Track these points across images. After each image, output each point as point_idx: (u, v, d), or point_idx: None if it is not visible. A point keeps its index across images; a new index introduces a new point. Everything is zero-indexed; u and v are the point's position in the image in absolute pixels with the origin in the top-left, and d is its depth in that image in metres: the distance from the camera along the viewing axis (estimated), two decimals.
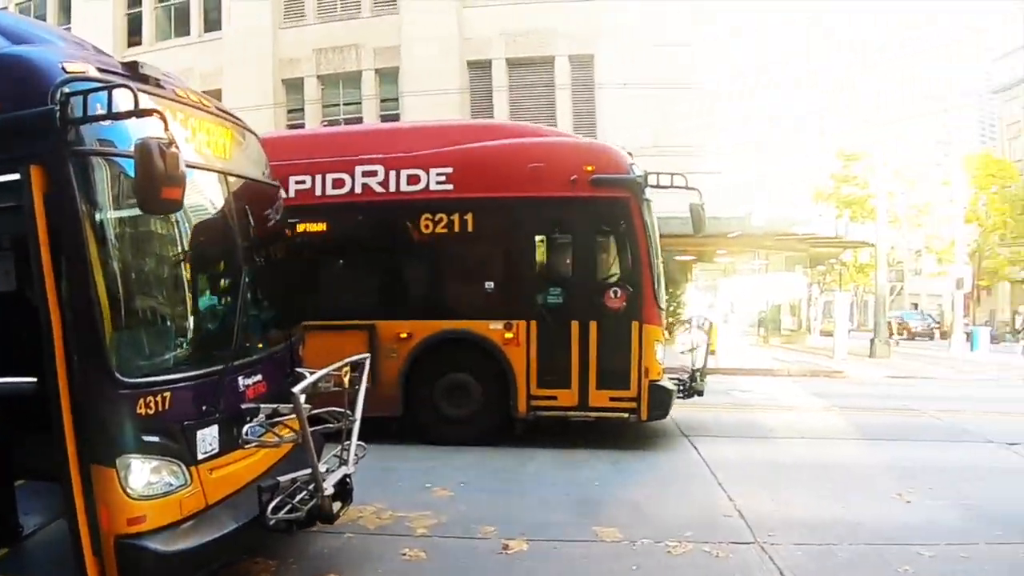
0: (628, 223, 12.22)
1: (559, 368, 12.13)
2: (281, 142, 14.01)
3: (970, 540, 8.06)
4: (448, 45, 28.39)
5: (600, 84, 27.73)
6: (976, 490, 10.23)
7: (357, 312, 12.50)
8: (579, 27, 28.23)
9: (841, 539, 7.99)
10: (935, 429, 14.70)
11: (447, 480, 9.68)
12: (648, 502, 9.19)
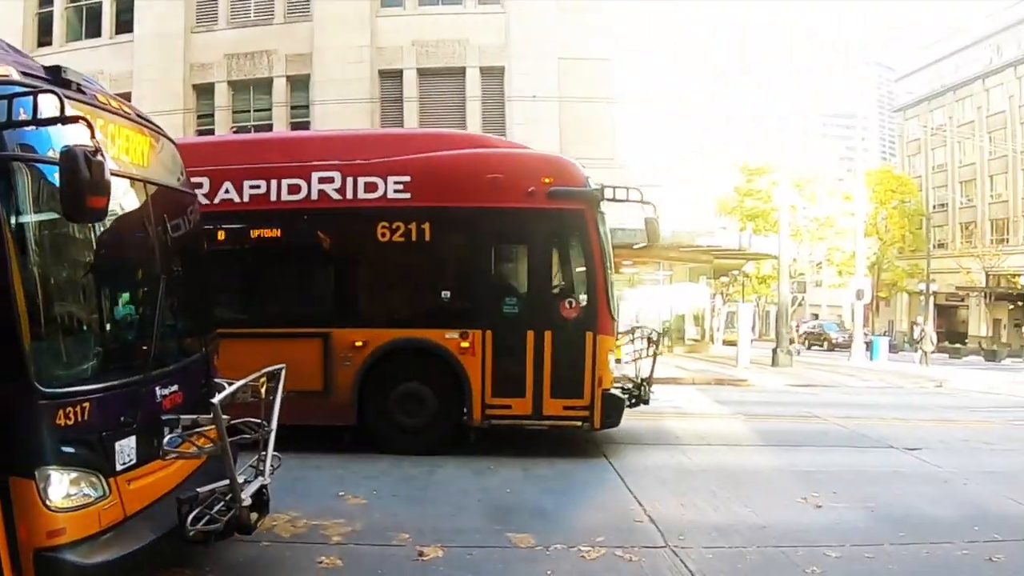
0: (584, 235, 12.40)
1: (514, 377, 12.21)
2: (236, 145, 14.16)
3: (875, 541, 8.41)
4: (360, 54, 28.34)
5: (510, 96, 27.90)
6: (879, 493, 10.65)
7: (312, 320, 12.47)
8: (490, 39, 28.47)
9: (750, 542, 8.24)
10: (837, 435, 15.16)
11: (359, 488, 9.69)
12: (560, 508, 9.32)
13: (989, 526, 9.11)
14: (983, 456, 13.96)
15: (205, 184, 12.07)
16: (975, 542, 8.50)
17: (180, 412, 6.10)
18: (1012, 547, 8.39)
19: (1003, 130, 74.22)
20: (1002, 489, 11.24)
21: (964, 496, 10.91)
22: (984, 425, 17.60)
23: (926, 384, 30.55)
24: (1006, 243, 71.53)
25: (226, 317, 12.39)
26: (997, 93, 76.40)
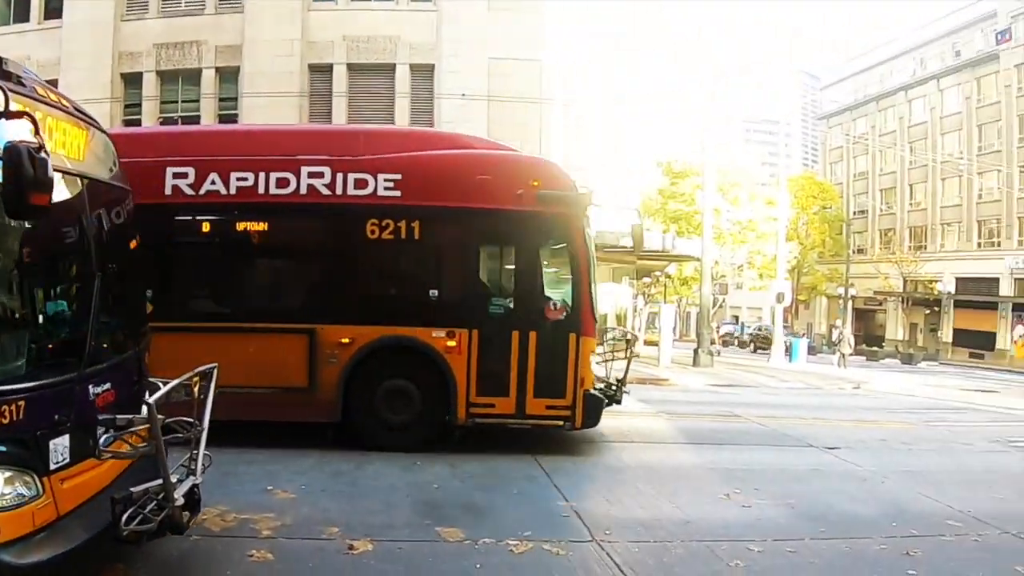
0: (570, 238, 12.67)
1: (498, 376, 12.38)
2: (220, 136, 14.10)
3: (796, 536, 8.77)
4: (291, 47, 28.05)
5: (440, 94, 27.85)
6: (800, 491, 11.03)
7: (297, 315, 12.46)
8: (421, 36, 28.34)
9: (674, 536, 8.50)
10: (758, 434, 15.56)
11: (289, 483, 9.72)
12: (488, 504, 9.44)
13: (906, 522, 9.54)
14: (900, 455, 14.45)
15: (191, 175, 12.11)
16: (893, 537, 8.86)
17: (113, 410, 6.08)
18: (928, 542, 8.80)
19: (924, 140, 76.05)
20: (919, 487, 11.69)
21: (882, 493, 11.32)
22: (901, 426, 18.17)
23: (844, 386, 31.35)
24: (923, 250, 73.41)
25: (211, 310, 12.58)
26: (919, 104, 78.35)
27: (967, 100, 72.68)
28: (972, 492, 11.58)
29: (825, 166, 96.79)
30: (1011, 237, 67.58)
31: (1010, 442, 17.17)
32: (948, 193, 74.82)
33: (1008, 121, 68.12)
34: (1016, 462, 14.96)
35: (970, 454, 15.50)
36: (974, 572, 7.97)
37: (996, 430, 19.18)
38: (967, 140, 72.22)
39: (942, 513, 10.17)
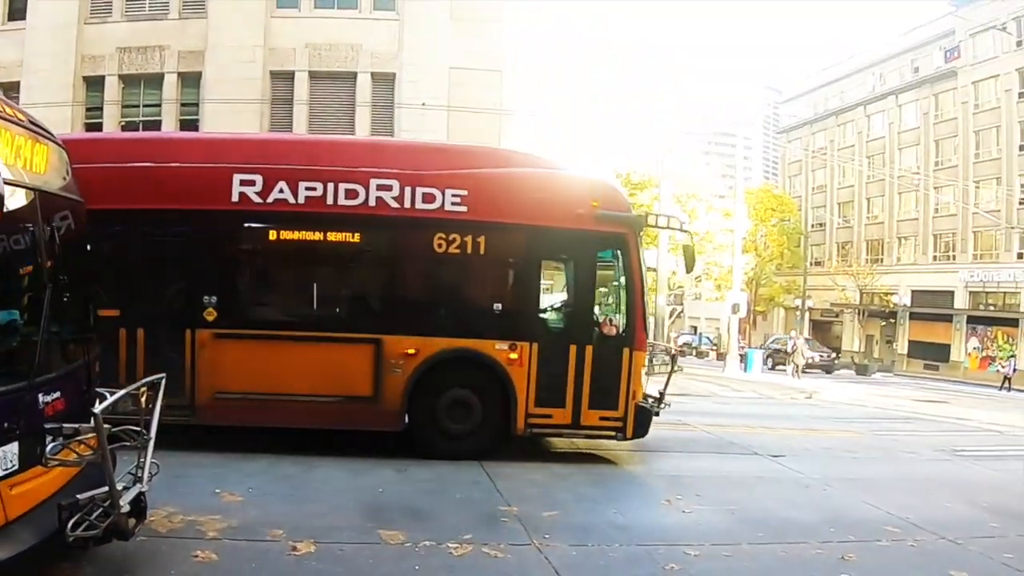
0: (626, 257, 13.07)
1: (556, 388, 12.70)
2: (289, 146, 14.13)
3: (734, 541, 8.98)
4: (253, 54, 28.08)
5: (400, 103, 27.95)
6: (741, 497, 11.27)
7: (363, 325, 12.67)
8: (383, 45, 28.48)
9: (613, 540, 8.69)
10: (705, 442, 15.81)
11: (236, 485, 9.77)
12: (431, 508, 9.58)
13: (844, 528, 9.81)
14: (845, 463, 14.80)
15: (258, 182, 12.22)
16: (829, 542, 9.17)
17: (62, 419, 6.12)
18: (864, 547, 9.08)
19: (882, 155, 77.17)
20: (860, 494, 11.99)
21: (823, 500, 11.64)
22: (849, 435, 18.58)
23: (797, 395, 31.79)
24: (880, 263, 74.33)
25: (277, 319, 12.79)
26: (878, 119, 79.36)
27: (925, 116, 73.69)
28: (913, 499, 11.92)
29: (784, 179, 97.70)
30: (966, 251, 68.54)
31: (955, 451, 17.62)
32: (905, 207, 75.83)
33: (964, 137, 69.11)
34: (959, 471, 15.34)
35: (914, 463, 15.88)
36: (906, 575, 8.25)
37: (942, 440, 19.64)
38: (924, 155, 73.14)
39: (881, 519, 10.44)
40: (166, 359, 11.75)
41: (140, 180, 12.26)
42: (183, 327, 12.16)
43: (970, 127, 69.18)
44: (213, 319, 12.14)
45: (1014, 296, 64.72)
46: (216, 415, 12.16)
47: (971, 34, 67.61)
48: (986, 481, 14.28)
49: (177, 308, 12.55)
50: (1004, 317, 65.15)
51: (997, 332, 65.74)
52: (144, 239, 12.53)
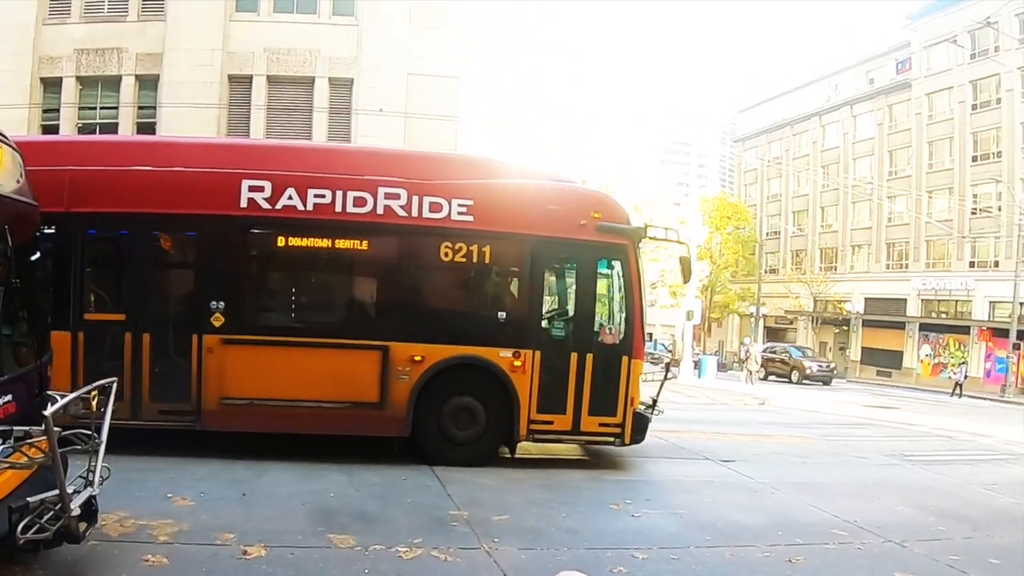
0: (626, 267, 13.44)
1: (557, 395, 13.05)
2: (300, 153, 14.17)
3: (681, 544, 9.16)
4: (211, 57, 27.82)
5: (357, 108, 27.85)
6: (690, 501, 11.48)
7: (370, 332, 12.76)
8: (341, 51, 28.39)
9: (562, 544, 8.85)
10: (656, 448, 15.72)
11: (188, 490, 9.79)
12: (381, 512, 9.67)
13: (792, 531, 10.03)
14: (794, 468, 15.05)
15: (267, 188, 12.28)
16: (777, 545, 9.39)
17: (13, 421, 6.18)
18: (811, 550, 9.28)
19: (836, 164, 78.08)
20: (808, 498, 12.22)
21: (771, 504, 11.83)
22: (799, 440, 18.81)
23: (750, 401, 32.01)
24: (834, 271, 75.21)
25: (285, 325, 12.91)
26: (833, 129, 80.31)
27: (879, 126, 74.57)
28: (861, 503, 12.20)
29: (740, 188, 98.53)
30: (919, 259, 69.48)
31: (904, 456, 17.97)
32: (859, 216, 76.76)
33: (918, 147, 70.07)
34: (907, 474, 15.59)
35: (863, 467, 16.15)
36: None
37: (892, 444, 20.02)
38: (878, 165, 74.06)
39: (828, 523, 10.66)
40: (172, 365, 12.00)
41: (147, 184, 12.31)
42: (190, 332, 12.22)
43: (924, 138, 70.14)
44: (220, 325, 12.20)
45: (966, 304, 65.66)
46: (222, 421, 12.25)
47: (925, 47, 68.56)
48: (935, 485, 14.57)
49: (184, 313, 12.65)
50: (956, 325, 65.99)
51: (949, 339, 66.58)
52: (151, 243, 12.61)
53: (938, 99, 69.78)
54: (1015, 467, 18.12)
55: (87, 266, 12.33)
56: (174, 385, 12.15)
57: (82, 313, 12.04)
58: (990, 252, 64.34)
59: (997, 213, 62.05)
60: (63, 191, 11.83)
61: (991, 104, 64.87)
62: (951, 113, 67.86)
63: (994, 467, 17.78)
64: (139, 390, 12.02)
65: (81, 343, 11.85)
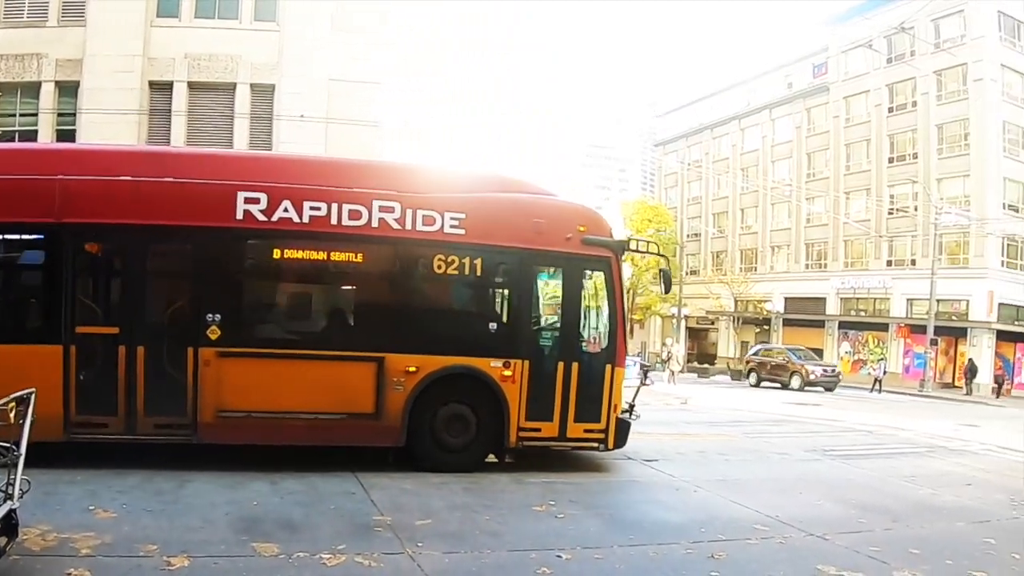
0: (609, 279, 13.99)
1: (545, 403, 13.45)
2: (296, 165, 14.14)
3: (605, 544, 9.35)
4: (132, 63, 27.46)
5: (279, 115, 27.79)
6: (614, 501, 11.85)
7: (366, 344, 12.88)
8: (263, 56, 28.26)
9: (486, 547, 8.97)
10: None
11: (110, 502, 9.68)
12: (305, 519, 9.66)
13: (714, 528, 10.31)
14: (716, 466, 15.41)
15: (263, 200, 12.26)
16: (700, 542, 9.62)
17: None
18: (734, 546, 9.55)
19: (755, 167, 79.42)
20: (730, 495, 12.55)
21: (694, 502, 12.16)
22: (722, 438, 19.21)
23: (672, 401, 32.18)
24: (754, 271, 76.43)
25: (281, 337, 13.02)
26: (752, 132, 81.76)
27: (798, 129, 76.05)
28: (782, 498, 12.59)
29: (661, 191, 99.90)
30: (837, 259, 70.92)
31: (824, 451, 18.48)
32: (778, 217, 78.13)
33: (836, 149, 71.65)
34: (828, 469, 16.06)
35: (784, 463, 16.62)
36: (775, 571, 8.65)
37: (813, 441, 20.58)
38: (797, 167, 75.57)
39: (750, 518, 10.97)
40: (168, 378, 11.98)
41: (141, 194, 12.23)
42: (186, 345, 12.17)
43: (841, 140, 71.72)
44: (217, 337, 12.17)
45: (884, 302, 67.21)
46: (219, 434, 12.25)
47: (843, 51, 69.75)
48: (855, 479, 15.03)
49: (179, 326, 12.58)
50: (874, 322, 67.53)
51: (868, 336, 68.19)
52: (145, 255, 12.59)
53: (855, 102, 71.35)
54: (933, 459, 18.71)
55: (78, 278, 12.19)
56: (170, 398, 12.12)
57: (74, 326, 11.89)
58: (907, 251, 65.95)
59: (914, 213, 63.65)
60: (53, 200, 11.81)
61: (907, 107, 66.62)
62: (868, 116, 69.48)
63: (913, 460, 18.34)
64: (134, 404, 11.94)
65: (73, 357, 11.73)
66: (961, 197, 61.57)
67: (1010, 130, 62.32)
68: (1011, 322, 61.04)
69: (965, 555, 9.77)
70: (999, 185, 61.04)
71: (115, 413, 11.91)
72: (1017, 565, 9.69)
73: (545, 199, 14.56)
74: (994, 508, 13.08)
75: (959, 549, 10.08)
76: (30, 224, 12.05)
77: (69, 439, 11.71)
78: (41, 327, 12.09)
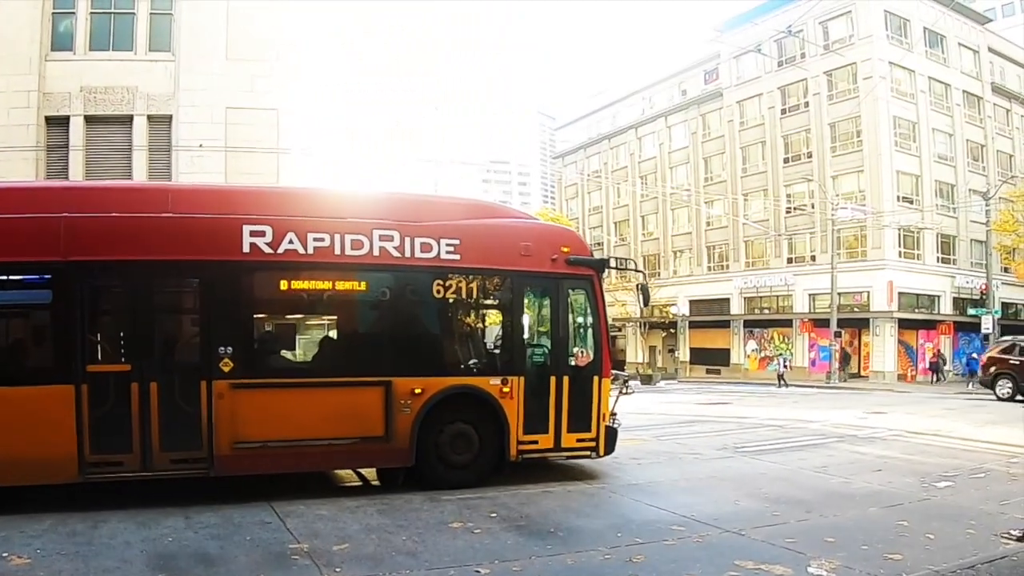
0: (591, 296, 14.76)
1: (540, 416, 14.17)
2: (297, 197, 14.45)
3: (524, 555, 9.55)
4: (27, 99, 27.08)
5: (177, 145, 27.63)
6: (530, 512, 11.96)
7: (373, 369, 13.27)
8: (159, 87, 28.07)
9: (402, 567, 9.05)
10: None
11: (24, 547, 9.52)
12: (221, 552, 9.60)
13: (631, 531, 10.63)
14: (630, 470, 15.66)
15: (268, 233, 12.48)
16: (618, 547, 9.83)
17: None
18: (651, 548, 9.83)
19: (654, 174, 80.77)
20: (645, 498, 12.99)
21: (609, 507, 12.54)
22: (633, 442, 19.08)
23: None
24: (658, 276, 77.05)
25: (293, 366, 13.52)
26: (649, 140, 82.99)
27: (693, 135, 77.54)
28: (696, 498, 13.01)
29: (562, 202, 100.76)
30: (738, 260, 72.38)
31: (736, 448, 19.08)
32: (679, 222, 79.62)
33: (732, 153, 73.18)
34: (740, 466, 16.57)
35: (697, 462, 17.05)
36: (694, 569, 8.89)
37: (724, 439, 21.19)
38: (695, 172, 77.05)
39: (666, 520, 11.33)
40: (182, 412, 12.11)
41: (147, 230, 12.36)
42: (199, 379, 12.26)
43: (737, 144, 73.31)
44: (229, 370, 12.29)
45: (786, 298, 68.87)
46: (235, 466, 12.42)
47: (734, 57, 71.26)
48: (767, 473, 15.59)
49: (192, 360, 12.66)
50: (778, 319, 69.02)
51: (773, 333, 69.62)
52: (153, 290, 12.69)
53: (749, 106, 73.01)
54: (843, 449, 19.45)
55: (87, 316, 12.23)
56: (185, 433, 12.21)
57: (84, 364, 11.91)
58: (807, 247, 67.69)
59: (811, 211, 65.35)
60: (59, 239, 11.86)
61: (800, 108, 68.48)
62: (762, 118, 71.18)
63: (823, 450, 19.06)
64: (148, 441, 12.01)
65: (85, 396, 11.73)
66: (856, 192, 63.48)
67: (900, 125, 64.60)
68: (911, 310, 63.12)
69: (880, 539, 10.26)
70: (892, 179, 63.07)
71: (130, 451, 12.00)
72: (931, 545, 10.17)
73: (530, 223, 15.59)
74: (905, 491, 13.73)
75: (874, 534, 10.56)
76: (35, 263, 12.06)
77: (84, 479, 11.83)
78: (51, 367, 12.10)
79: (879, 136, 62.84)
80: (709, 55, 77.85)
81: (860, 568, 9.02)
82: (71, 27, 28.33)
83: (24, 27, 27.44)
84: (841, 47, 64.17)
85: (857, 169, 64.31)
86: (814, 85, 66.44)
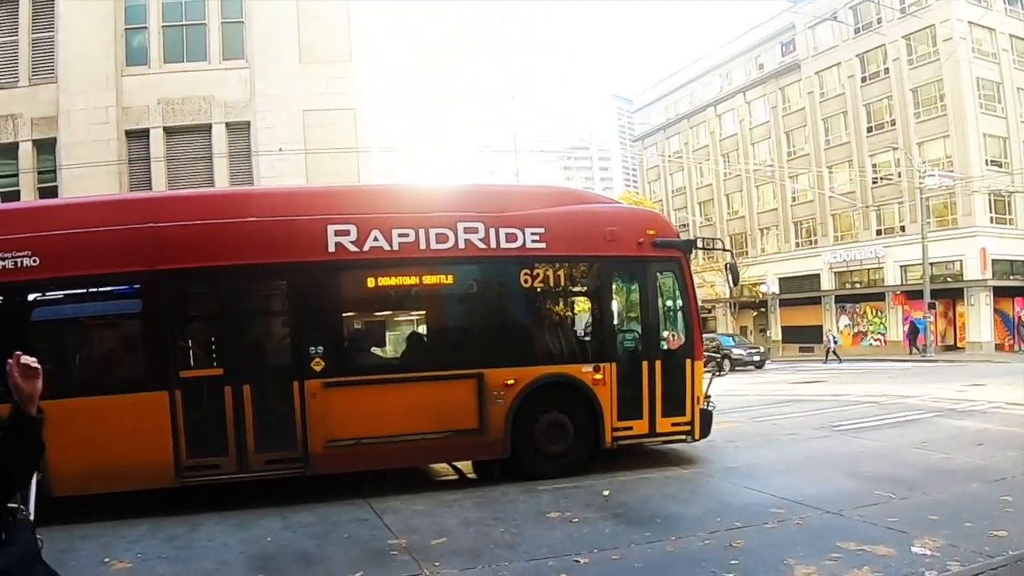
0: (680, 277, 14.51)
1: (634, 402, 13.95)
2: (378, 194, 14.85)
3: (622, 544, 9.32)
4: (106, 115, 27.50)
5: (257, 150, 27.88)
6: (626, 500, 11.71)
7: (464, 361, 13.32)
8: (235, 94, 28.35)
9: (502, 559, 8.91)
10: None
11: (123, 553, 9.66)
12: (319, 550, 9.62)
13: (730, 516, 10.32)
14: (727, 453, 15.40)
15: (352, 232, 12.62)
16: (716, 532, 9.59)
17: None
18: (751, 532, 9.57)
19: (736, 151, 79.44)
20: (742, 481, 12.72)
21: (707, 492, 12.29)
22: (729, 425, 18.81)
23: None
24: (745, 255, 75.88)
25: (382, 363, 13.62)
26: (728, 117, 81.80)
27: (773, 109, 76.10)
28: (795, 479, 12.71)
29: (644, 185, 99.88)
30: (827, 234, 71.02)
31: (833, 427, 18.56)
32: (764, 199, 78.32)
33: (814, 125, 71.70)
34: (838, 445, 16.12)
35: (794, 443, 16.65)
36: (795, 553, 8.57)
37: (820, 418, 20.64)
38: (777, 147, 75.59)
39: (765, 503, 11.01)
40: (275, 413, 12.31)
41: (233, 235, 12.59)
42: (291, 379, 12.43)
43: (818, 115, 71.86)
44: (321, 369, 12.44)
45: (877, 271, 67.30)
46: (330, 464, 12.55)
47: (810, 27, 70.04)
48: (866, 451, 15.08)
49: (283, 361, 12.87)
50: (870, 293, 67.63)
51: (865, 307, 68.23)
52: (242, 295, 12.90)
53: (828, 76, 71.54)
54: (942, 423, 18.82)
55: (177, 323, 12.56)
56: (279, 434, 12.40)
57: (177, 371, 12.16)
58: (895, 218, 66.10)
59: (898, 180, 63.82)
60: (145, 249, 12.11)
61: (880, 75, 66.72)
62: (842, 88, 69.69)
63: (922, 426, 18.42)
64: (243, 443, 12.20)
65: (179, 401, 11.95)
66: (943, 158, 61.74)
67: (984, 86, 62.40)
68: (1006, 277, 61.22)
69: (984, 516, 9.80)
70: (979, 142, 61.05)
71: (226, 453, 12.19)
72: None
73: (614, 207, 15.50)
74: (1008, 466, 13.15)
75: (977, 510, 10.12)
76: (124, 274, 12.29)
77: (181, 483, 12.02)
78: (144, 375, 12.29)
79: (963, 99, 60.79)
80: (784, 26, 76.46)
81: (965, 546, 8.62)
82: (144, 42, 28.71)
83: (99, 45, 27.87)
84: (918, 9, 62.22)
85: (943, 134, 62.41)
86: (893, 50, 64.83)
